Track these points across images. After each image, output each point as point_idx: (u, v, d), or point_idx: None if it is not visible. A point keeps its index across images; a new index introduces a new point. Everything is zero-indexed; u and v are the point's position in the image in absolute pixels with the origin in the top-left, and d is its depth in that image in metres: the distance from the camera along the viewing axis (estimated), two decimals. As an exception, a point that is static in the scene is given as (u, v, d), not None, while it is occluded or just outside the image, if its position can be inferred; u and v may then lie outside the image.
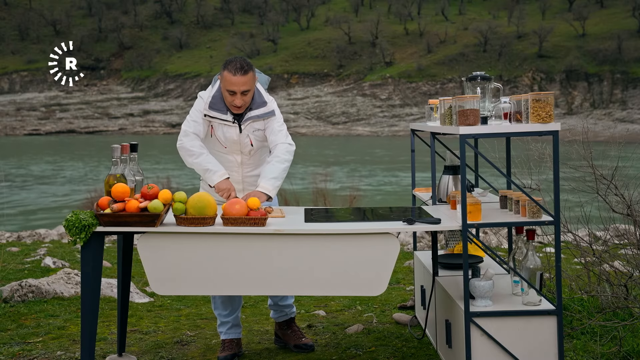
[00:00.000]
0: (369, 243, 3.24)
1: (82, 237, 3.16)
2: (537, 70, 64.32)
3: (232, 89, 3.73)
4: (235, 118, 3.86)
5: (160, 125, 67.45)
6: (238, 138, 3.89)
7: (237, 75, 3.70)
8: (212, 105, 3.84)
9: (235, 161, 3.96)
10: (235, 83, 3.71)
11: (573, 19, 69.18)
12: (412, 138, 4.50)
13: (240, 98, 3.75)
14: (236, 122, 3.86)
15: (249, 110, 3.86)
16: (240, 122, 3.86)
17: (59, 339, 4.50)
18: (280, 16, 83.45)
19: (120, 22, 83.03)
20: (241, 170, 3.98)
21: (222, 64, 3.80)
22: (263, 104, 3.88)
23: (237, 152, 3.95)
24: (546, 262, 5.00)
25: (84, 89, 74.85)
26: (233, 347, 4.04)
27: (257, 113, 3.87)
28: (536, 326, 3.23)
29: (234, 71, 3.70)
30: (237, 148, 3.93)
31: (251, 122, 3.88)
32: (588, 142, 4.52)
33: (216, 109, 3.84)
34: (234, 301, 4.04)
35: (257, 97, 3.88)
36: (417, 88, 65.47)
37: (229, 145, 3.92)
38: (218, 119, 3.85)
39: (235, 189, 3.80)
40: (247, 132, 3.89)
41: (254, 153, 3.98)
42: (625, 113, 57.43)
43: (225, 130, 3.88)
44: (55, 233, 10.51)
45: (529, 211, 3.32)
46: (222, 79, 3.79)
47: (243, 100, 3.77)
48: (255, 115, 3.86)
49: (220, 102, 3.85)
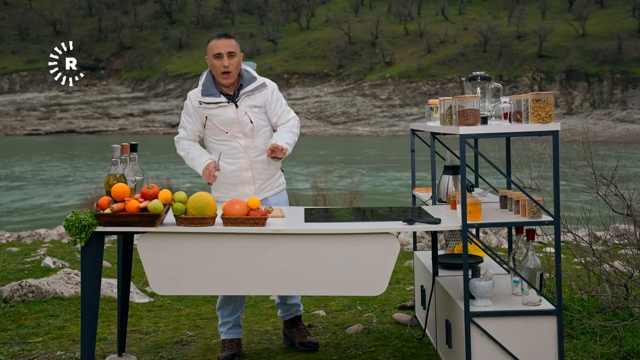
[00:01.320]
0: (369, 243, 3.24)
1: (82, 237, 3.16)
2: (537, 70, 64.34)
3: (218, 52, 3.84)
4: (229, 98, 3.90)
5: (160, 125, 67.48)
6: (236, 116, 3.89)
7: (222, 39, 3.87)
8: (205, 92, 3.91)
9: (239, 146, 3.93)
10: (220, 45, 3.84)
11: (573, 19, 69.22)
12: (412, 138, 4.50)
13: (228, 59, 3.84)
14: (231, 102, 3.90)
15: (240, 87, 3.93)
16: (235, 100, 3.91)
17: (59, 339, 4.50)
18: (280, 16, 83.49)
19: (120, 22, 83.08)
20: (247, 155, 3.94)
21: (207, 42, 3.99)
22: (253, 79, 3.95)
23: (240, 134, 3.91)
24: (546, 262, 5.00)
25: (84, 89, 74.88)
26: (233, 347, 4.04)
27: (249, 88, 3.92)
28: (536, 326, 3.23)
29: (217, 37, 3.90)
30: (238, 129, 3.91)
31: (245, 97, 3.92)
32: (588, 142, 4.52)
33: (209, 94, 3.90)
34: (237, 300, 4.04)
35: (246, 74, 3.96)
36: (417, 88, 65.49)
37: (229, 129, 3.91)
38: (212, 103, 3.90)
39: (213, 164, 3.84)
40: (244, 110, 3.90)
41: (256, 134, 3.94)
42: (625, 113, 57.44)
43: (222, 112, 3.89)
44: (55, 233, 10.51)
45: (529, 211, 3.32)
46: (208, 50, 3.90)
47: (230, 63, 3.84)
48: (249, 90, 3.92)
49: (211, 87, 3.92)
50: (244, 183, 3.96)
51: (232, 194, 3.92)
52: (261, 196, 3.98)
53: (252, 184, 3.96)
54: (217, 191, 4.02)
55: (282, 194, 4.11)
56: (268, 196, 4.02)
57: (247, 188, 3.95)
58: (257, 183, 3.97)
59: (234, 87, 3.93)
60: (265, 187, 4.01)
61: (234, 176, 3.94)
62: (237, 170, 3.94)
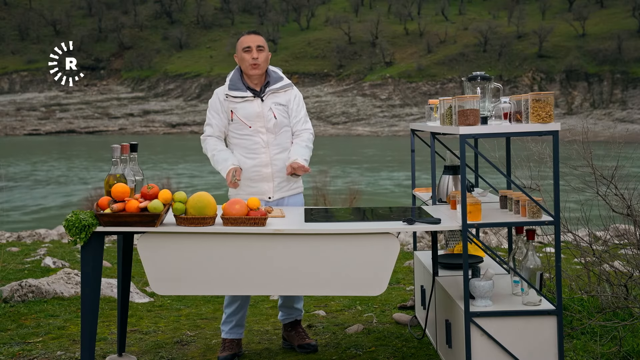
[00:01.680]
0: (369, 243, 3.24)
1: (82, 237, 3.16)
2: (537, 70, 64.34)
3: (247, 45, 3.98)
4: (254, 94, 4.01)
5: (160, 125, 67.47)
6: (261, 110, 3.97)
7: (251, 34, 4.04)
8: (232, 86, 4.03)
9: (261, 142, 3.98)
10: (250, 40, 4.00)
11: (573, 19, 69.22)
12: (412, 138, 4.50)
13: (257, 52, 3.97)
14: (256, 97, 4.01)
15: (267, 84, 4.05)
16: (261, 95, 4.02)
17: (59, 339, 4.50)
18: (280, 16, 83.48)
19: (120, 22, 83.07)
20: (268, 151, 3.98)
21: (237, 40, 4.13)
22: (280, 78, 4.10)
23: (262, 129, 3.97)
24: (546, 262, 5.00)
25: (84, 89, 74.88)
26: (234, 347, 4.04)
27: (276, 86, 4.05)
28: (536, 326, 3.23)
29: (247, 33, 4.07)
30: (262, 124, 3.97)
31: (271, 93, 4.02)
32: (588, 142, 4.52)
33: (236, 89, 4.02)
34: (241, 299, 4.04)
35: (273, 74, 4.10)
36: (417, 88, 65.49)
37: (252, 123, 3.97)
38: (239, 97, 4.00)
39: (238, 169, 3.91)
40: (269, 105, 4.00)
41: (279, 131, 4.00)
42: (625, 113, 57.44)
43: (247, 106, 3.99)
44: (55, 233, 10.51)
45: (529, 211, 3.32)
46: (238, 45, 4.04)
47: (259, 55, 3.97)
48: (275, 87, 4.04)
49: (238, 82, 4.03)
50: (263, 179, 3.99)
51: (251, 191, 3.98)
52: (278, 195, 4.02)
53: (271, 180, 4.00)
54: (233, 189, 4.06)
55: (299, 196, 4.14)
56: (285, 196, 4.05)
57: (266, 185, 3.99)
58: (276, 181, 4.00)
59: (260, 84, 4.05)
60: (284, 186, 4.03)
61: (254, 171, 3.99)
62: (257, 166, 3.98)
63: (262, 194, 3.98)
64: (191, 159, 37.38)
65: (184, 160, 37.34)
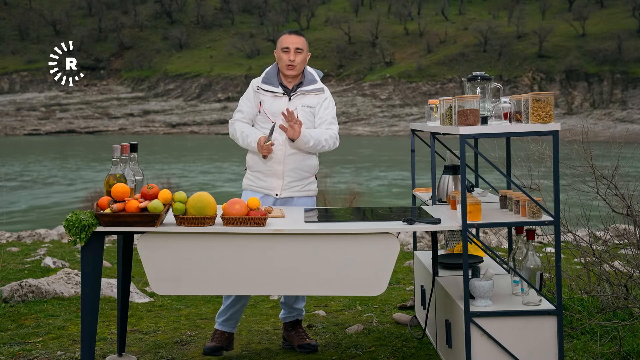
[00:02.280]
0: (369, 243, 3.24)
1: (82, 237, 3.16)
2: (537, 70, 64.33)
3: (286, 46, 4.01)
4: (285, 91, 4.04)
5: (160, 125, 67.44)
6: (285, 107, 3.98)
7: (292, 35, 4.05)
8: (265, 80, 4.09)
9: (280, 139, 3.99)
10: (290, 41, 4.02)
11: (573, 19, 69.21)
12: (412, 138, 4.50)
13: (294, 54, 4.00)
14: (286, 94, 4.04)
15: (299, 84, 4.08)
16: (290, 94, 4.05)
17: (59, 339, 4.50)
18: (280, 16, 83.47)
19: (120, 22, 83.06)
20: (285, 148, 4.00)
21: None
22: (314, 81, 4.13)
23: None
24: (546, 262, 5.00)
25: (84, 89, 74.87)
26: (222, 340, 4.03)
27: (307, 88, 4.08)
28: (536, 326, 3.23)
29: (289, 32, 4.09)
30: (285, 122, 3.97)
31: (300, 94, 4.05)
32: (588, 142, 4.52)
33: (268, 83, 4.07)
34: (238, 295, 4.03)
35: (309, 75, 4.13)
36: (417, 88, 65.49)
37: (276, 119, 3.99)
38: (269, 91, 4.04)
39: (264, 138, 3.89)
40: (296, 105, 4.02)
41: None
42: (625, 113, 57.43)
43: (274, 102, 4.03)
44: (55, 233, 10.51)
45: (529, 211, 3.32)
46: (278, 43, 4.08)
47: (296, 58, 4.00)
48: (305, 89, 4.07)
49: (273, 77, 4.08)
50: (274, 175, 4.02)
51: (261, 184, 4.03)
52: (286, 193, 4.03)
53: (282, 178, 4.02)
54: (248, 179, 4.12)
55: (310, 199, 4.13)
56: (295, 196, 4.05)
57: (276, 181, 4.02)
58: (287, 179, 4.02)
59: (294, 83, 4.08)
60: (294, 186, 4.04)
61: (266, 166, 4.03)
62: (270, 162, 4.02)
63: (271, 189, 4.02)
64: (191, 159, 37.40)
65: (184, 160, 37.34)
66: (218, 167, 33.05)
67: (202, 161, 36.28)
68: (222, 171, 31.49)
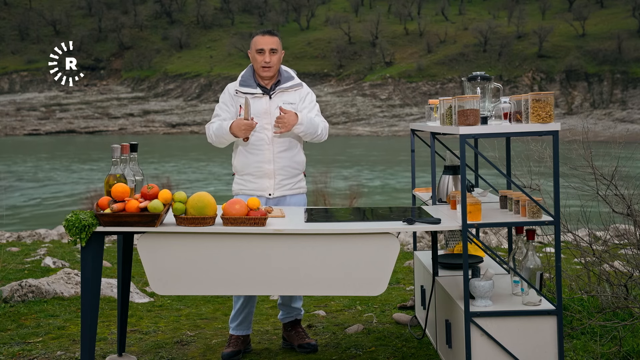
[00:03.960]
0: (369, 243, 3.24)
1: (82, 237, 3.16)
2: (537, 70, 64.34)
3: (260, 47, 4.00)
4: (264, 91, 4.03)
5: (160, 125, 67.45)
6: (267, 107, 4.00)
7: (266, 36, 4.03)
8: (243, 83, 4.07)
9: (266, 138, 4.00)
10: (264, 42, 4.00)
11: (573, 19, 69.24)
12: (412, 138, 4.50)
13: (269, 56, 3.99)
14: (265, 94, 4.03)
15: (277, 83, 4.07)
16: (270, 93, 4.04)
17: (59, 339, 4.50)
18: (280, 16, 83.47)
19: (120, 22, 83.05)
20: (272, 148, 4.01)
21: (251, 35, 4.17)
22: (291, 78, 4.12)
23: (268, 126, 4.00)
24: (546, 262, 5.00)
25: (84, 89, 74.87)
26: (239, 344, 4.06)
27: (285, 85, 4.07)
28: (536, 326, 3.23)
29: (262, 33, 4.06)
30: (268, 121, 3.99)
31: (280, 92, 4.05)
32: (588, 142, 4.52)
33: (246, 85, 4.06)
34: (247, 296, 4.04)
35: (285, 73, 4.11)
36: (417, 88, 65.49)
37: (259, 120, 3.99)
38: (248, 93, 4.03)
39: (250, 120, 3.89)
40: (277, 103, 4.02)
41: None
42: (625, 113, 57.44)
43: (255, 102, 4.01)
44: (55, 233, 10.51)
45: (529, 211, 3.32)
46: (251, 44, 4.06)
47: (271, 59, 3.99)
48: (284, 86, 4.07)
49: (249, 79, 4.07)
50: (265, 175, 4.01)
51: (252, 186, 4.01)
52: (279, 192, 4.03)
53: (273, 177, 4.01)
54: (237, 184, 4.10)
55: (301, 196, 4.14)
56: (287, 195, 4.06)
57: (267, 182, 4.00)
58: (278, 178, 4.02)
59: (271, 82, 4.08)
60: (286, 184, 4.04)
61: (256, 167, 4.02)
62: (260, 162, 4.01)
63: (263, 190, 4.01)
64: (191, 159, 37.38)
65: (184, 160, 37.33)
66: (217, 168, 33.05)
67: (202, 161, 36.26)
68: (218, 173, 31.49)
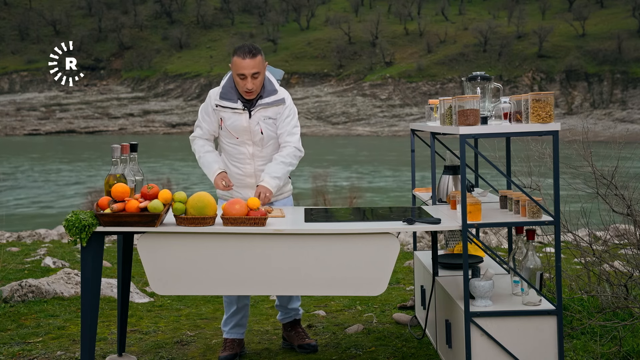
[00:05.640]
0: (369, 243, 3.24)
1: (83, 237, 3.16)
2: (537, 70, 64.35)
3: (242, 72, 3.80)
4: (245, 106, 3.91)
5: (160, 125, 67.47)
6: (248, 125, 3.91)
7: (247, 59, 3.79)
8: (223, 95, 3.93)
9: (247, 153, 3.96)
10: (245, 67, 3.79)
11: (573, 19, 69.25)
12: (412, 138, 4.50)
13: (251, 81, 3.81)
14: (246, 110, 3.92)
15: (259, 98, 3.92)
16: (250, 109, 3.92)
17: (59, 339, 4.50)
18: (280, 16, 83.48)
19: (120, 22, 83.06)
20: (253, 162, 3.97)
21: (232, 51, 3.90)
22: (274, 92, 3.95)
23: (249, 142, 3.95)
24: (546, 262, 5.00)
25: (84, 89, 74.88)
26: (234, 347, 4.05)
27: (267, 100, 3.92)
28: (536, 326, 3.23)
29: (243, 55, 3.80)
30: (248, 137, 3.93)
31: (261, 109, 3.92)
32: (588, 142, 4.52)
33: (226, 99, 3.92)
34: (240, 301, 4.04)
35: (268, 85, 3.95)
36: (417, 88, 65.50)
37: (239, 135, 3.94)
38: (228, 107, 3.92)
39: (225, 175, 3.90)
40: (257, 120, 3.92)
41: (266, 144, 3.96)
42: (625, 113, 57.45)
43: (235, 118, 3.92)
44: (55, 233, 10.51)
45: (529, 211, 3.32)
46: (232, 65, 3.86)
47: (254, 84, 3.83)
48: (266, 102, 3.92)
49: (230, 91, 3.92)
50: (247, 187, 4.00)
51: (236, 195, 3.97)
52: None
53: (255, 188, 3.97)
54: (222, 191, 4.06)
55: (287, 200, 4.12)
56: (273, 201, 4.03)
57: (250, 192, 3.98)
58: None
59: (253, 96, 3.93)
60: None
61: (238, 179, 4.00)
62: (242, 175, 3.99)
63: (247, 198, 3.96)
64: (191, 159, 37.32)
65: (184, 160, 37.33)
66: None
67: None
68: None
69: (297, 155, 3.96)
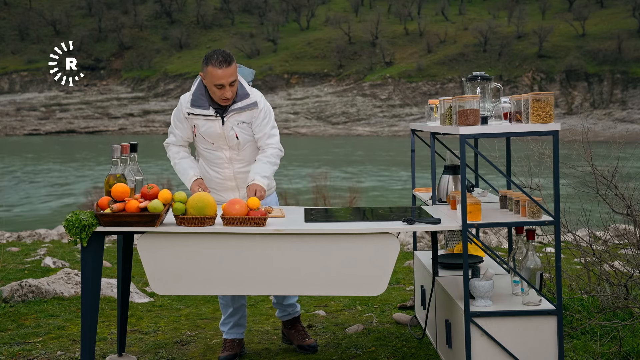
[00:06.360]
0: (369, 243, 3.24)
1: (83, 237, 3.16)
2: (537, 70, 64.34)
3: (220, 83, 3.71)
4: (217, 112, 3.85)
5: (160, 125, 67.45)
6: (222, 131, 3.86)
7: (223, 68, 3.70)
8: (194, 103, 3.85)
9: (224, 157, 3.94)
10: (222, 76, 3.70)
11: (573, 19, 69.23)
12: (412, 138, 4.50)
13: (229, 90, 3.75)
14: (219, 116, 3.85)
15: (232, 103, 3.86)
16: (223, 115, 3.85)
17: (59, 339, 4.50)
18: (280, 16, 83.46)
19: (120, 22, 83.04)
20: (232, 166, 3.95)
21: (203, 60, 3.80)
22: (245, 95, 3.86)
23: (225, 147, 3.92)
24: (546, 262, 5.00)
25: (84, 89, 74.87)
26: (234, 347, 4.05)
27: (239, 105, 3.84)
28: (536, 326, 3.23)
29: (219, 64, 3.70)
30: (224, 142, 3.90)
31: (234, 114, 3.85)
32: (588, 142, 4.52)
33: (198, 106, 3.84)
34: (235, 302, 4.04)
35: (240, 89, 3.86)
36: (417, 88, 65.49)
37: (215, 141, 3.90)
38: (201, 115, 3.85)
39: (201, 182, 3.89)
40: (231, 125, 3.86)
41: (242, 148, 3.93)
42: (625, 113, 57.44)
43: (209, 125, 3.86)
44: (55, 233, 10.51)
45: (529, 211, 3.32)
46: (206, 74, 3.76)
47: (232, 92, 3.77)
48: (238, 107, 3.85)
49: (201, 98, 3.84)
50: (228, 190, 3.99)
51: (217, 198, 3.96)
52: None
53: (237, 191, 3.99)
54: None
55: (271, 197, 4.09)
56: None
57: (232, 194, 3.98)
58: (242, 190, 3.98)
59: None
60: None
61: (218, 183, 3.99)
62: (221, 179, 3.98)
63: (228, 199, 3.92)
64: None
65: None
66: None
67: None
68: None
69: (280, 155, 3.96)
